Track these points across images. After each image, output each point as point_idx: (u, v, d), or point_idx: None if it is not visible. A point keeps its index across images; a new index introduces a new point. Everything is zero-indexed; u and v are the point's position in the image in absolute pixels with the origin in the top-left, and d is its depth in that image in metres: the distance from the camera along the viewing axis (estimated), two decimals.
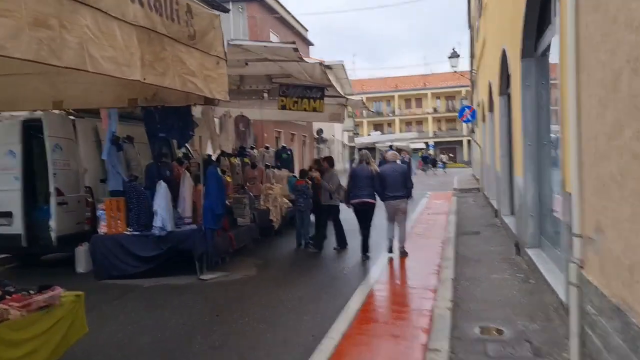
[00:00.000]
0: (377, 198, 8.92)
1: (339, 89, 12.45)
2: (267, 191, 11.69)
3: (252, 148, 14.13)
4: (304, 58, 8.11)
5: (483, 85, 15.82)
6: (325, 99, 13.19)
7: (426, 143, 65.26)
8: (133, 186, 8.16)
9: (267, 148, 14.69)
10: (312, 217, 10.57)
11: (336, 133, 46.28)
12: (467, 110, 19.04)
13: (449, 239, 9.82)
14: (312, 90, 9.63)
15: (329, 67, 34.51)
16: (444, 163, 50.58)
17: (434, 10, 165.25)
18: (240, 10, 28.01)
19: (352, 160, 41.89)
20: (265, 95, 11.02)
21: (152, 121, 7.94)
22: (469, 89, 36.69)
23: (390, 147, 52.14)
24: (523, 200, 7.24)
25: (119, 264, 7.94)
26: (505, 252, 8.19)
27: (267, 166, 13.32)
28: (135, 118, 9.08)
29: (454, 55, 22.77)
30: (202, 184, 8.12)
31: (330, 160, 10.19)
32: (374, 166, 9.18)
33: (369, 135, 62.18)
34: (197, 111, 9.67)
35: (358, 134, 66.77)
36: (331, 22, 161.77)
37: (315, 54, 44.30)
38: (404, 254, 8.83)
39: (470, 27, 26.23)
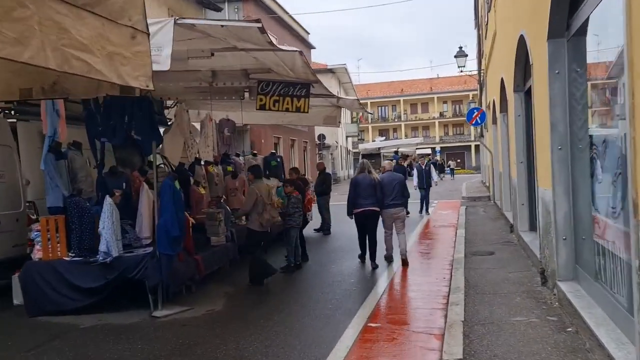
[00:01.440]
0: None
1: (337, 92, 11.06)
2: None
3: (237, 155, 12.71)
4: (278, 45, 6.69)
5: (494, 83, 14.33)
6: (319, 100, 11.88)
7: (433, 148, 63.73)
8: (75, 202, 6.75)
9: (254, 155, 13.29)
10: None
11: (339, 139, 44.87)
12: (475, 112, 17.54)
13: (457, 261, 8.33)
14: (295, 88, 8.22)
15: (331, 70, 33.02)
16: (452, 169, 49.01)
17: (440, 17, 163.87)
18: (235, 10, 26.74)
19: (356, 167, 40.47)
20: (247, 94, 9.61)
21: (93, 121, 6.51)
22: (476, 92, 35.18)
23: (396, 152, 50.95)
24: (551, 218, 5.76)
25: (55, 297, 6.52)
26: (528, 281, 6.69)
27: None
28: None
29: (461, 54, 21.34)
30: (157, 199, 6.70)
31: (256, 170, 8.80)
32: (375, 175, 9.08)
33: (373, 141, 60.79)
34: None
35: (363, 139, 65.44)
36: (336, 28, 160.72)
37: (319, 59, 43.04)
38: (405, 264, 8.74)
39: (478, 25, 24.79)
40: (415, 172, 16.54)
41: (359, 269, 8.81)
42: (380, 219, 8.87)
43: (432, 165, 16.76)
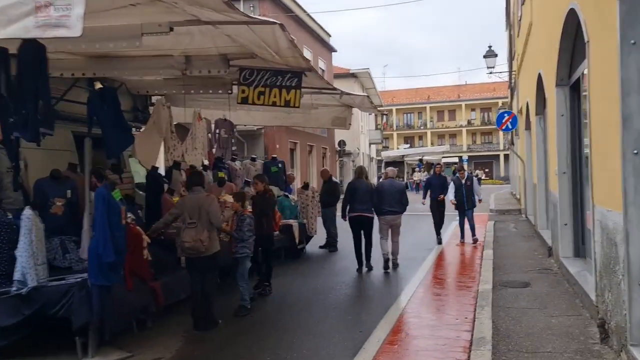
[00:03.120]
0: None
1: (360, 95, 9.65)
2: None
3: (234, 159, 11.23)
4: (250, 15, 5.14)
5: (528, 83, 12.56)
6: (326, 99, 10.33)
7: (460, 157, 61.45)
8: None
9: (253, 159, 11.79)
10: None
11: (361, 145, 43.21)
12: (506, 116, 15.75)
13: (483, 294, 6.64)
14: (285, 77, 6.68)
15: (353, 75, 31.44)
16: (480, 179, 46.88)
17: (469, 26, 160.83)
18: (251, 8, 25.43)
19: (379, 176, 38.68)
20: (235, 88, 8.11)
21: (5, 110, 5.01)
22: (506, 100, 33.16)
23: (420, 160, 49.03)
24: (618, 252, 4.08)
25: None
26: (580, 332, 4.98)
27: (246, 182, 10.40)
28: None
29: (491, 54, 19.54)
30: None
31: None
32: (370, 180, 9.70)
33: (397, 148, 58.95)
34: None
35: (387, 147, 63.60)
36: (362, 37, 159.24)
37: (342, 65, 41.46)
38: (396, 266, 9.14)
39: (510, 25, 22.97)
40: (451, 187, 11.75)
41: (361, 299, 7.19)
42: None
43: (475, 179, 12.43)
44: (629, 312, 3.86)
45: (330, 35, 35.52)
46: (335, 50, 36.21)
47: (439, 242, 11.75)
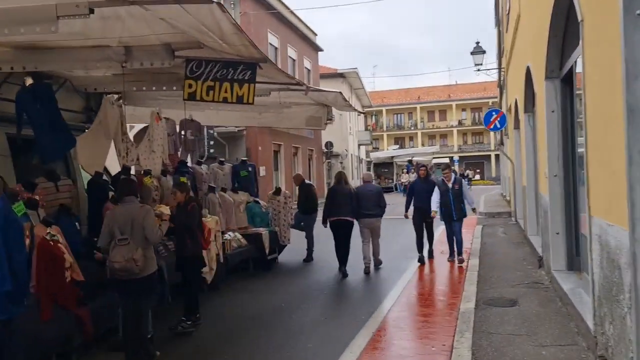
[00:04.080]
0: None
1: (349, 97, 8.72)
2: None
3: (199, 163, 10.35)
4: None
5: (516, 79, 11.80)
6: (297, 96, 9.50)
7: (450, 158, 60.81)
8: None
9: (221, 162, 10.89)
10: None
11: (350, 146, 42.41)
12: (494, 114, 14.98)
13: (464, 315, 5.82)
14: (237, 69, 5.84)
15: (341, 75, 30.55)
16: (470, 179, 46.30)
17: (458, 27, 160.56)
18: (232, 5, 24.54)
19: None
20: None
21: None
22: (496, 100, 32.52)
23: (410, 161, 48.21)
24: (622, 277, 3.27)
25: None
26: None
27: (211, 188, 9.54)
28: None
29: (478, 50, 18.79)
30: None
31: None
32: (351, 185, 9.49)
33: (387, 149, 58.20)
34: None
35: (377, 148, 62.86)
36: (351, 38, 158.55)
37: (329, 63, 40.68)
38: (378, 263, 9.42)
39: (498, 22, 22.26)
40: (435, 192, 9.29)
41: (329, 320, 6.34)
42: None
43: (463, 181, 9.81)
44: (636, 355, 3.04)
45: (316, 34, 34.71)
46: (321, 50, 35.40)
47: (421, 260, 9.51)
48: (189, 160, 10.39)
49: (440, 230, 10.82)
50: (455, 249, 9.50)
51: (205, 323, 6.45)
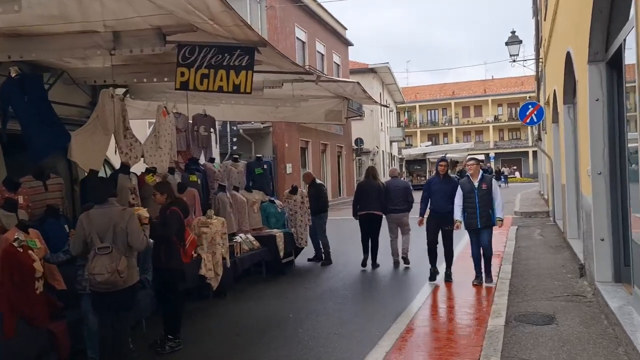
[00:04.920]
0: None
1: (380, 93, 7.81)
2: (199, 229, 7.32)
3: (212, 160, 9.80)
4: None
5: (555, 67, 10.82)
6: (313, 87, 8.82)
7: (486, 154, 59.07)
8: None
9: (235, 160, 10.33)
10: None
11: (381, 143, 41.50)
12: (531, 108, 13.96)
13: (492, 334, 5.05)
14: (233, 55, 5.21)
15: (372, 70, 29.61)
16: (505, 176, 44.76)
17: (496, 23, 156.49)
18: (258, 0, 24.02)
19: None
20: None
21: None
22: (534, 94, 31.12)
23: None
24: None
25: None
26: None
27: (221, 187, 8.97)
28: None
29: (514, 40, 17.70)
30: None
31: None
32: (380, 180, 9.59)
33: (420, 146, 56.93)
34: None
35: (411, 144, 61.61)
36: (386, 35, 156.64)
37: (362, 59, 39.69)
38: (407, 262, 9.18)
39: (536, 10, 21.04)
40: (458, 194, 7.48)
41: (338, 335, 5.66)
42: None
43: (493, 180, 7.65)
44: None
45: (346, 29, 33.93)
46: (351, 44, 34.61)
47: (433, 276, 7.89)
48: (202, 157, 9.85)
49: (463, 242, 9.72)
50: (483, 266, 7.48)
51: (205, 333, 5.90)
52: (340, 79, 9.10)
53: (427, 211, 7.98)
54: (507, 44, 17.69)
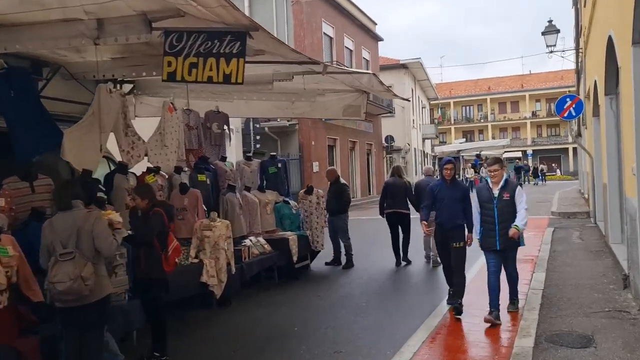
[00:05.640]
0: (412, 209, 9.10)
1: (412, 89, 7.25)
2: (202, 232, 6.84)
3: (223, 159, 9.32)
4: None
5: (596, 54, 9.91)
6: (328, 80, 8.25)
7: (523, 151, 57.21)
8: None
9: (248, 158, 9.81)
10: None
11: (413, 140, 40.51)
12: (569, 101, 12.98)
13: (519, 357, 4.37)
14: (223, 42, 4.68)
15: (404, 66, 28.80)
16: (543, 173, 43.17)
17: (534, 16, 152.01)
18: None
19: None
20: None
21: None
22: (574, 88, 29.68)
23: (477, 156, 45.52)
24: None
25: None
26: None
27: (231, 187, 8.47)
28: None
29: (551, 29, 16.66)
30: None
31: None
32: (406, 178, 9.63)
33: (453, 143, 55.55)
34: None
35: (445, 142, 60.25)
36: (422, 30, 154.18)
37: (395, 55, 38.85)
38: (436, 264, 8.69)
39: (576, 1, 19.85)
40: (474, 203, 6.01)
41: (341, 352, 5.06)
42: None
43: (519, 188, 5.84)
44: None
45: (375, 24, 33.15)
46: (381, 39, 33.82)
47: (453, 300, 6.17)
48: (219, 155, 9.37)
49: (478, 265, 8.04)
50: (508, 291, 5.99)
51: (202, 345, 5.42)
52: (353, 69, 8.43)
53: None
54: (543, 33, 16.66)
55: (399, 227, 9.39)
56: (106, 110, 6.71)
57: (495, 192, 5.72)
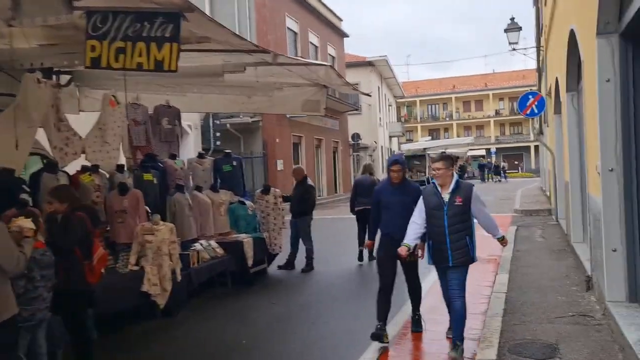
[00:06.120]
0: None
1: (378, 87, 6.86)
2: (143, 237, 6.30)
3: (173, 156, 8.75)
4: None
5: (557, 50, 9.76)
6: (288, 75, 7.82)
7: (487, 149, 57.96)
8: None
9: (201, 156, 9.27)
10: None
11: (380, 138, 40.44)
12: (531, 98, 12.89)
13: None
14: (154, 23, 4.19)
15: (370, 63, 28.54)
16: (504, 171, 43.87)
17: (498, 17, 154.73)
18: None
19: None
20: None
21: None
22: (535, 87, 30.03)
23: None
24: None
25: None
26: None
27: (179, 187, 7.94)
28: None
29: (513, 27, 16.60)
30: None
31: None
32: (375, 176, 9.99)
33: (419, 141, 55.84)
34: None
35: (411, 140, 60.50)
36: (387, 30, 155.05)
37: (363, 54, 38.41)
38: None
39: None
40: (417, 210, 4.83)
41: None
42: None
43: (474, 190, 4.74)
44: None
45: (341, 20, 32.90)
46: (347, 36, 33.56)
47: (377, 336, 5.06)
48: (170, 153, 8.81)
49: (430, 281, 6.86)
50: (452, 325, 4.88)
51: None
52: (307, 60, 8.01)
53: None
54: (506, 30, 16.58)
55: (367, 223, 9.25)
56: (33, 102, 6.09)
57: (445, 196, 4.64)
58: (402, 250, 4.77)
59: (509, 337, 4.83)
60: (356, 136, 34.00)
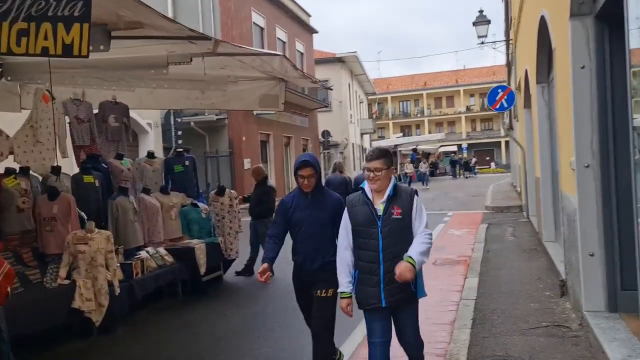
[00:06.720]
0: None
1: (349, 83, 6.47)
2: (75, 247, 5.63)
3: (120, 156, 8.05)
4: None
5: (526, 42, 9.37)
6: (240, 67, 7.22)
7: (459, 145, 58.17)
8: None
9: (150, 156, 8.57)
10: None
11: (351, 135, 39.98)
12: (500, 92, 12.55)
13: None
14: (60, 2, 3.55)
15: (340, 59, 27.94)
16: (473, 167, 44.07)
17: (469, 14, 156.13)
18: None
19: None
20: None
21: None
22: (505, 82, 29.96)
23: (414, 150, 45.69)
24: None
25: None
26: None
27: (122, 190, 7.25)
28: None
29: (482, 20, 16.30)
30: None
31: None
32: (347, 174, 10.37)
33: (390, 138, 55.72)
34: None
35: (383, 137, 60.32)
36: (362, 25, 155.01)
37: (327, 47, 37.95)
38: None
39: None
40: (343, 230, 3.45)
41: None
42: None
43: (415, 198, 3.32)
44: None
45: (310, 15, 32.27)
46: (316, 32, 32.99)
47: None
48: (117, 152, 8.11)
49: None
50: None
51: None
52: (258, 50, 7.42)
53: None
54: (474, 24, 16.29)
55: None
56: None
57: (379, 206, 3.30)
58: (342, 304, 3.46)
59: (477, 353, 4.34)
60: (326, 133, 33.51)
